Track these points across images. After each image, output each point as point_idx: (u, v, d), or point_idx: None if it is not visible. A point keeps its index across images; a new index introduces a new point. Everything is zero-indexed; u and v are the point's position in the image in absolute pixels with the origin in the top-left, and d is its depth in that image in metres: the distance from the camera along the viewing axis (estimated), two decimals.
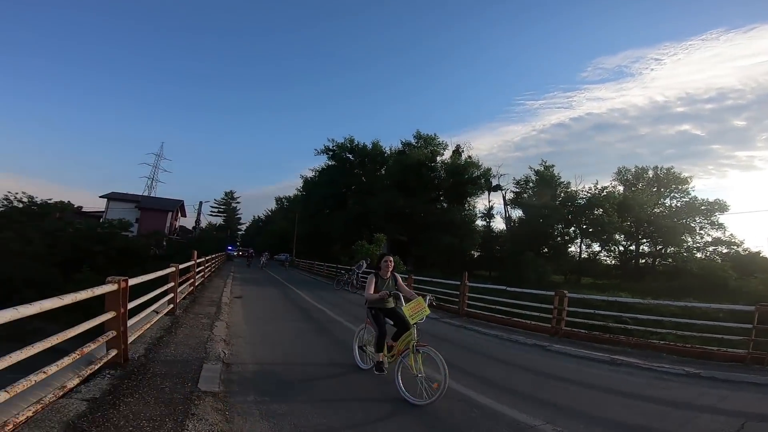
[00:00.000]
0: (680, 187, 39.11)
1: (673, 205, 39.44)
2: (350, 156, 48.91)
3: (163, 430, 2.84)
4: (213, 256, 19.68)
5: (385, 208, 38.70)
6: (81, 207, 46.07)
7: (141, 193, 57.99)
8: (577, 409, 4.18)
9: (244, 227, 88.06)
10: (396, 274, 5.07)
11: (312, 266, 33.02)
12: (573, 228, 39.84)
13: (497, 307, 10.70)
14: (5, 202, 33.80)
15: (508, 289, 11.15)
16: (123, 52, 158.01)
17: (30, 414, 2.65)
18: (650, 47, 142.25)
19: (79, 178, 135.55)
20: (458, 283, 11.78)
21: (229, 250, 41.25)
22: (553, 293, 9.01)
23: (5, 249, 24.98)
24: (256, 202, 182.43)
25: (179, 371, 4.23)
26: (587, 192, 39.08)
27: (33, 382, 2.71)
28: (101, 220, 39.47)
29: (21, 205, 33.86)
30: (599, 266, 40.01)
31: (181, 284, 8.69)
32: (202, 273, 13.70)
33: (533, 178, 42.16)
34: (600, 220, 36.16)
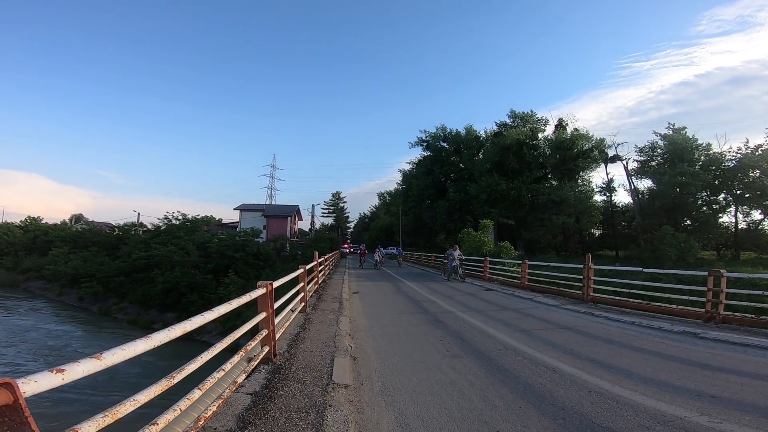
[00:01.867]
0: None
1: None
2: (444, 144, 48.40)
3: (308, 420, 3.12)
4: (329, 254, 21.43)
5: (487, 193, 37.30)
6: (221, 219, 54.71)
7: (264, 202, 66.06)
8: (739, 400, 3.58)
9: (352, 225, 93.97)
10: None
11: (420, 258, 33.59)
12: (723, 195, 32.97)
13: (631, 290, 9.48)
14: (165, 221, 41.61)
15: (645, 270, 9.77)
16: (238, 81, 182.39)
17: (215, 409, 2.95)
18: None
19: (216, 195, 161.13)
20: (580, 266, 10.76)
21: (344, 249, 44.13)
22: (705, 273, 7.62)
23: (171, 260, 30.98)
24: (361, 200, 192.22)
25: (316, 364, 4.68)
26: (736, 153, 31.83)
27: (216, 380, 3.04)
28: (237, 230, 46.03)
29: (177, 222, 41.15)
30: (762, 237, 32.20)
31: (308, 283, 9.60)
32: (324, 271, 15.03)
33: (661, 143, 35.99)
34: (758, 183, 29.33)
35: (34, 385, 1.43)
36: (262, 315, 4.46)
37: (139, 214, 50.16)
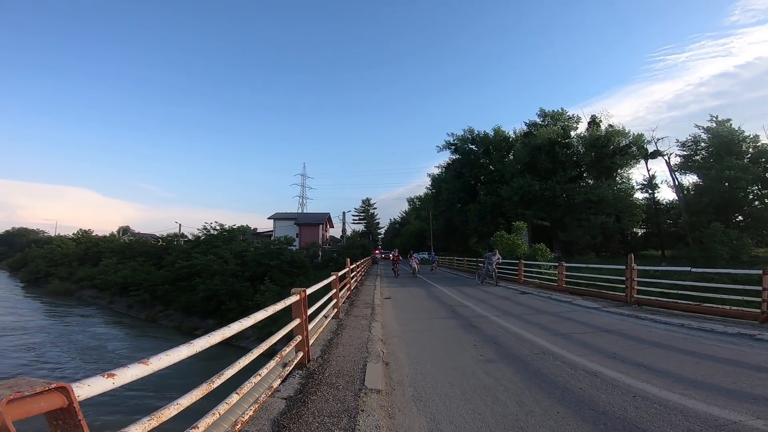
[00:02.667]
0: None
1: None
2: (473, 147, 47.74)
3: (341, 425, 3.12)
4: (361, 261, 21.60)
5: (519, 195, 36.36)
6: (256, 228, 56.48)
7: (296, 211, 67.70)
8: None
9: (382, 231, 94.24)
10: None
11: (451, 262, 33.14)
12: None
13: (679, 291, 8.93)
14: (204, 231, 43.37)
15: (694, 270, 9.19)
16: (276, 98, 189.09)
17: (251, 413, 3.01)
18: None
19: (250, 205, 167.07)
20: (622, 267, 10.27)
21: (375, 255, 44.29)
22: (760, 272, 7.08)
23: (210, 269, 32.24)
24: (391, 205, 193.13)
25: (349, 370, 4.72)
26: None
27: (253, 384, 3.10)
28: (271, 238, 47.32)
29: (215, 232, 42.77)
30: None
31: (340, 289, 9.74)
32: (355, 278, 15.18)
33: (704, 136, 34.17)
34: None
35: (87, 389, 1.50)
36: (297, 321, 4.55)
37: (180, 225, 52.65)
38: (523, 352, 5.64)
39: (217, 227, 43.35)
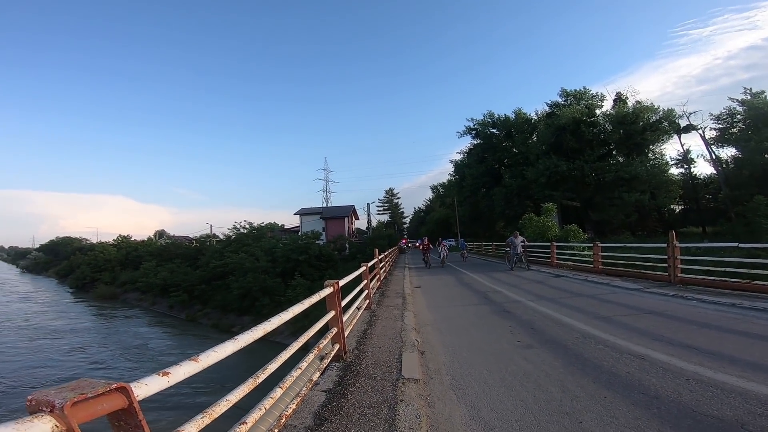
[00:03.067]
0: None
1: None
2: (494, 130, 46.64)
3: (381, 416, 3.15)
4: (388, 251, 21.64)
5: (546, 176, 35.31)
6: (283, 225, 57.60)
7: (321, 205, 68.50)
8: None
9: (407, 220, 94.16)
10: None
11: (480, 248, 32.72)
12: None
13: (727, 269, 8.44)
14: (234, 230, 44.61)
15: (741, 245, 8.64)
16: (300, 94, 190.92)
17: (294, 407, 3.07)
18: None
19: (276, 202, 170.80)
20: (663, 245, 9.79)
21: (402, 244, 44.34)
22: None
23: (243, 266, 33.18)
24: (414, 194, 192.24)
25: (385, 360, 4.73)
26: None
27: (294, 378, 3.18)
28: (299, 234, 48.14)
29: (245, 231, 43.98)
30: None
31: (371, 280, 9.79)
32: (384, 268, 15.23)
33: (739, 109, 32.34)
34: None
35: (145, 388, 1.52)
36: (331, 313, 4.59)
37: (211, 226, 54.55)
38: (563, 337, 5.49)
39: (246, 226, 44.47)
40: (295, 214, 57.78)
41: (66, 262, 67.69)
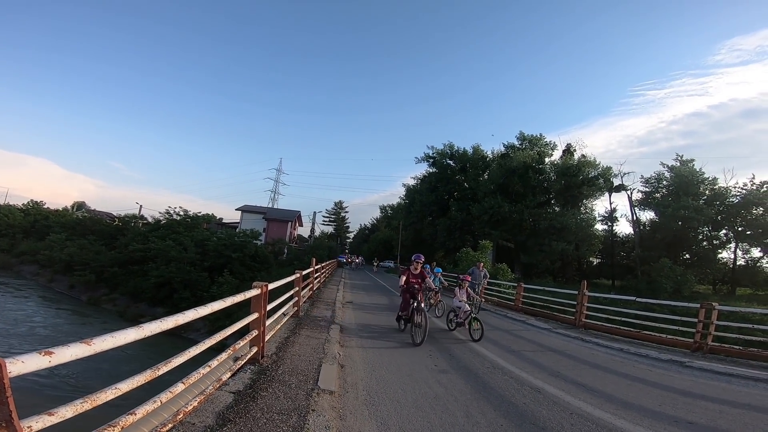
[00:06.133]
0: None
1: None
2: (451, 162, 48.48)
3: (290, 423, 3.12)
4: (327, 263, 21.39)
5: (489, 214, 37.35)
6: (222, 218, 54.75)
7: (266, 205, 66.23)
8: (715, 427, 3.71)
9: (351, 235, 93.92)
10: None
11: None
12: (724, 231, 32.98)
13: (623, 319, 9.50)
14: (166, 215, 41.49)
15: (638, 299, 9.81)
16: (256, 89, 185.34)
17: (196, 404, 2.95)
18: None
19: (218, 194, 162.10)
20: (575, 292, 10.77)
21: (341, 258, 44.00)
22: (697, 305, 7.69)
23: (167, 255, 30.85)
24: (363, 211, 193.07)
25: (303, 369, 4.69)
26: (741, 189, 31.79)
27: (201, 375, 3.04)
28: (237, 230, 45.95)
29: (178, 218, 40.94)
30: (760, 275, 32.10)
31: (303, 288, 9.61)
32: (319, 278, 15.03)
33: (667, 175, 36.00)
34: (760, 220, 29.45)
35: (20, 365, 1.42)
36: (254, 315, 4.47)
37: (141, 206, 49.96)
38: (476, 366, 5.80)
39: (181, 212, 41.66)
40: (236, 210, 55.13)
41: None
